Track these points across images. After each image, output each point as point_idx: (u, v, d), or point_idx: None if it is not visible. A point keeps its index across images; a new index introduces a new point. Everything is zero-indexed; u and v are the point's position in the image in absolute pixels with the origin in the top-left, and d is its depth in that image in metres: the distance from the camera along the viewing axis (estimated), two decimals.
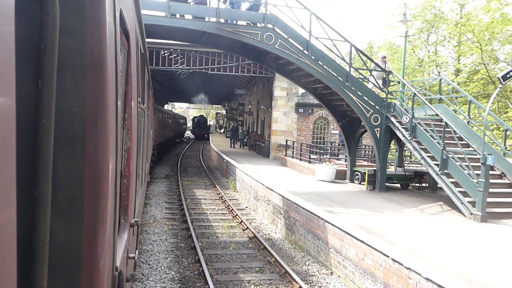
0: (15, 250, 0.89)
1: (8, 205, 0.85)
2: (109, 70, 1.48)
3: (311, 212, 9.70)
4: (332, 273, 8.64)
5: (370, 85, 14.37)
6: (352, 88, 12.90)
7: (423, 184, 14.20)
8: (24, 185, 1.04)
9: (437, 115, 12.37)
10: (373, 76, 14.09)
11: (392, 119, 12.90)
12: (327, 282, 8.17)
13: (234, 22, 12.30)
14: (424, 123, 12.02)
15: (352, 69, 13.33)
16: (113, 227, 1.72)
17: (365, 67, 14.36)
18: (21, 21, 1.08)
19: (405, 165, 15.75)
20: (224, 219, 12.97)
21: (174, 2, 11.40)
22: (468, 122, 12.98)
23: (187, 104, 79.26)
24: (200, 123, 59.00)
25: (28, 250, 1.05)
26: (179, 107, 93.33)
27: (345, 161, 16.71)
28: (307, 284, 7.92)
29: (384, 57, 15.06)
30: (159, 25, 11.33)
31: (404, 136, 12.41)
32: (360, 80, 13.77)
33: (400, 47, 29.94)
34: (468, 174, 10.15)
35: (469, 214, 9.73)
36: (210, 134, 54.40)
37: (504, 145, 12.09)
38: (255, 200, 14.51)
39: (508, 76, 9.92)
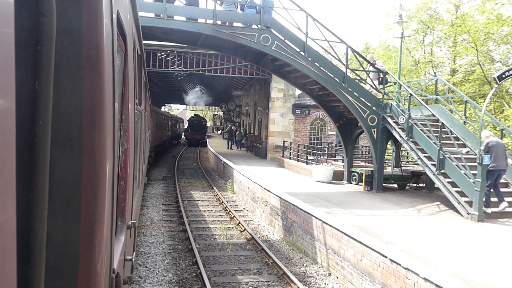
0: (15, 252, 0.89)
1: (8, 206, 0.85)
2: (106, 72, 1.48)
3: (309, 213, 9.70)
4: (330, 274, 8.64)
5: (367, 86, 14.41)
6: (349, 89, 12.92)
7: (420, 184, 14.24)
8: (21, 186, 1.03)
9: (433, 115, 12.41)
10: (369, 77, 14.14)
11: (389, 119, 12.94)
12: (325, 283, 8.17)
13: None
14: (420, 124, 12.06)
15: (348, 70, 13.36)
16: (110, 229, 1.72)
17: (361, 68, 14.40)
18: (18, 23, 1.08)
19: (402, 165, 15.80)
20: (222, 220, 12.96)
21: (171, 4, 11.43)
22: (464, 122, 13.02)
23: (184, 106, 79.07)
24: (194, 124, 46.60)
25: (25, 252, 1.05)
26: (176, 109, 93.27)
27: (342, 162, 16.74)
28: (305, 286, 7.92)
29: (372, 58, 15.24)
30: (156, 26, 11.33)
31: (400, 136, 12.45)
32: (357, 81, 13.81)
33: (395, 48, 30.05)
34: (464, 174, 10.18)
35: (466, 214, 9.76)
36: (207, 138, 45.10)
37: None
38: (253, 201, 14.50)
39: (503, 76, 9.96)
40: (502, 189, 10.93)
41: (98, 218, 1.44)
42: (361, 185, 13.92)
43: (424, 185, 14.13)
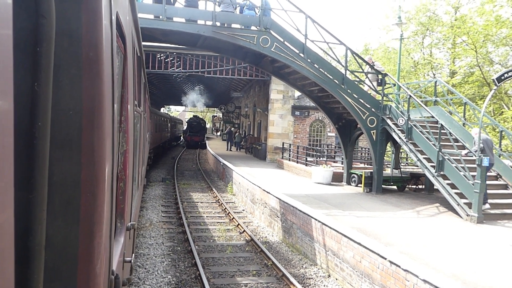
0: (13, 253, 0.89)
1: (6, 207, 0.85)
2: (106, 73, 1.48)
3: (308, 215, 9.69)
4: (329, 275, 8.63)
5: (366, 88, 14.43)
6: (348, 90, 12.93)
7: (420, 186, 14.24)
8: (20, 187, 1.03)
9: (432, 117, 12.42)
10: (368, 78, 14.16)
11: (388, 121, 12.94)
12: (324, 285, 8.16)
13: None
14: (419, 125, 12.07)
15: (348, 72, 13.37)
16: (109, 231, 1.71)
17: (360, 70, 14.42)
18: (17, 24, 1.08)
19: (401, 167, 15.80)
20: (221, 222, 12.94)
21: (170, 5, 11.46)
22: (464, 124, 13.03)
23: (183, 107, 78.99)
24: (193, 126, 44.65)
25: (24, 254, 1.04)
26: (175, 110, 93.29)
27: (342, 164, 16.73)
28: (305, 287, 7.91)
29: (371, 59, 15.30)
30: (155, 28, 11.34)
31: (400, 138, 12.45)
32: (356, 82, 13.82)
33: (395, 49, 30.08)
34: (464, 175, 10.19)
35: (466, 216, 9.75)
36: (206, 140, 44.05)
37: (500, 146, 12.15)
38: (252, 203, 14.49)
39: (502, 78, 9.97)
40: (499, 191, 10.95)
41: (98, 219, 1.44)
42: (361, 186, 13.92)
43: (423, 186, 14.13)
